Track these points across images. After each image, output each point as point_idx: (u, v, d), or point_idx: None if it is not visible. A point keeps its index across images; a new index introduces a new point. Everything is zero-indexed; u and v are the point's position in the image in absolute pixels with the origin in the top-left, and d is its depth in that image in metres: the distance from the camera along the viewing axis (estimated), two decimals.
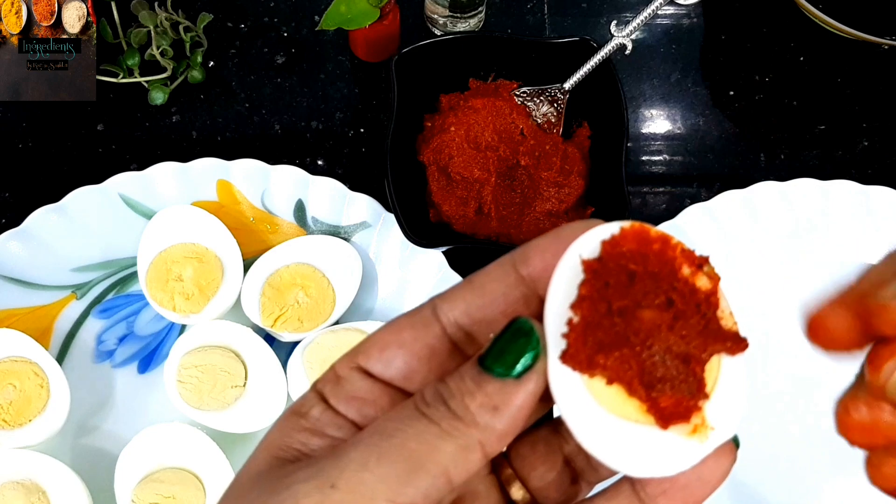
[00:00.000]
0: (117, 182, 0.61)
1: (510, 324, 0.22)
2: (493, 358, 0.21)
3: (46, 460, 0.53)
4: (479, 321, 0.23)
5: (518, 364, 0.21)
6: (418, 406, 0.21)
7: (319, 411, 0.23)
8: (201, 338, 0.58)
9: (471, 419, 0.21)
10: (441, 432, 0.21)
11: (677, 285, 0.22)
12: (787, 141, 0.70)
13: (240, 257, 0.60)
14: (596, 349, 0.21)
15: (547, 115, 0.64)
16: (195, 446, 0.54)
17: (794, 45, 0.73)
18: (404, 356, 0.23)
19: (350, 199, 0.62)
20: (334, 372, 0.23)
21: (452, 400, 0.21)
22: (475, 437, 0.21)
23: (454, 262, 0.60)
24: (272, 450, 0.23)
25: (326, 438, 0.22)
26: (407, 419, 0.21)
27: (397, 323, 0.24)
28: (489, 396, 0.21)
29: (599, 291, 0.22)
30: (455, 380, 0.21)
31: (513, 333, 0.21)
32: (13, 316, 0.59)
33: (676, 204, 0.66)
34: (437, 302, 0.23)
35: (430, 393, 0.21)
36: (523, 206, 0.61)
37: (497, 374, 0.21)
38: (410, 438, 0.20)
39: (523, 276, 0.23)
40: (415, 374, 0.23)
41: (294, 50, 0.72)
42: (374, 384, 0.23)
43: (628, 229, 0.22)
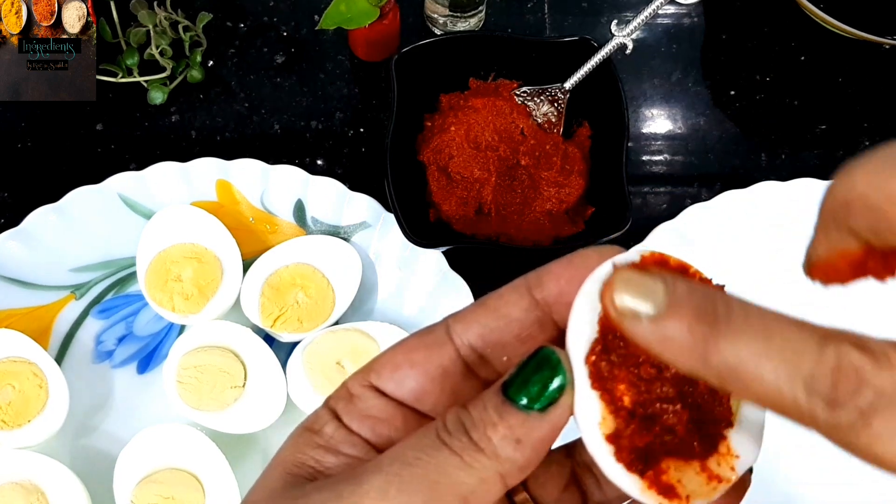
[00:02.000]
0: (116, 182, 0.61)
1: (535, 353, 0.21)
2: (517, 388, 0.21)
3: (45, 461, 0.53)
4: (492, 344, 0.23)
5: (543, 397, 0.21)
6: (440, 434, 0.21)
7: (333, 429, 0.23)
8: (200, 338, 0.58)
9: (492, 451, 0.20)
10: (462, 464, 0.20)
11: None
12: (789, 141, 0.70)
13: (239, 257, 0.60)
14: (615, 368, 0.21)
15: (547, 115, 0.64)
16: (194, 447, 0.54)
17: (795, 44, 0.73)
18: (417, 376, 0.23)
19: (350, 199, 0.62)
20: (347, 389, 0.23)
21: (474, 430, 0.21)
22: (496, 470, 0.20)
23: (454, 262, 0.60)
24: (286, 466, 0.22)
25: (341, 456, 0.22)
26: (428, 448, 0.21)
27: (410, 342, 0.23)
28: (512, 429, 0.21)
29: None
30: (478, 409, 0.21)
31: (538, 364, 0.21)
32: (12, 316, 0.59)
33: (677, 204, 0.66)
34: (450, 322, 0.23)
35: (452, 421, 0.21)
36: (523, 205, 0.61)
37: (520, 405, 0.21)
38: (431, 469, 0.20)
39: (538, 301, 0.23)
40: (427, 395, 0.23)
41: (294, 49, 0.72)
42: (386, 403, 0.23)
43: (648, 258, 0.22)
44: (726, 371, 0.18)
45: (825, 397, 0.17)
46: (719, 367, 0.18)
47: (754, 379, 0.18)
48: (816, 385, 0.17)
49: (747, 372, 0.18)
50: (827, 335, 0.18)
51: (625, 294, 0.19)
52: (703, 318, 0.18)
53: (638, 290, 0.19)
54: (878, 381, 0.17)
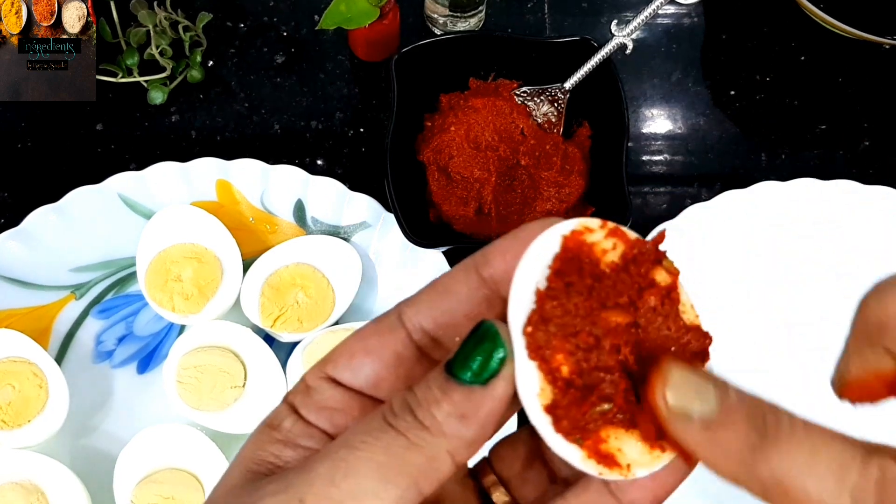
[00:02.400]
0: (116, 182, 0.61)
1: (475, 328, 0.21)
2: (459, 364, 0.21)
3: (45, 461, 0.53)
4: (444, 325, 0.23)
5: (484, 370, 0.21)
6: (386, 417, 0.21)
7: (291, 423, 0.23)
8: (200, 338, 0.58)
9: (438, 429, 0.20)
10: (408, 443, 0.20)
11: (637, 282, 0.22)
12: (788, 141, 0.70)
13: (239, 257, 0.60)
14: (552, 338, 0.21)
15: (547, 115, 0.64)
16: (194, 447, 0.54)
17: (795, 44, 0.73)
18: (371, 364, 0.23)
19: (350, 199, 0.62)
20: (304, 383, 0.23)
21: (419, 409, 0.21)
22: (444, 447, 0.20)
23: (454, 262, 0.60)
24: (246, 463, 0.22)
25: (299, 449, 0.22)
26: (374, 431, 0.21)
27: (364, 330, 0.23)
28: (456, 405, 0.20)
29: (560, 293, 0.21)
30: (422, 388, 0.21)
31: (478, 338, 0.21)
32: (12, 316, 0.59)
33: (677, 204, 0.66)
34: (402, 307, 0.23)
35: (398, 402, 0.21)
36: (523, 206, 0.61)
37: (463, 380, 0.21)
38: (378, 451, 0.20)
39: (485, 278, 0.22)
40: (383, 382, 0.23)
41: (293, 49, 0.72)
42: (343, 393, 0.23)
43: (581, 230, 0.22)
44: (772, 482, 0.18)
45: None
46: (765, 478, 0.18)
47: (800, 491, 0.18)
48: (861, 497, 0.17)
49: (793, 484, 0.18)
50: (870, 449, 0.18)
51: (678, 393, 0.19)
52: (754, 428, 0.19)
53: (691, 390, 0.19)
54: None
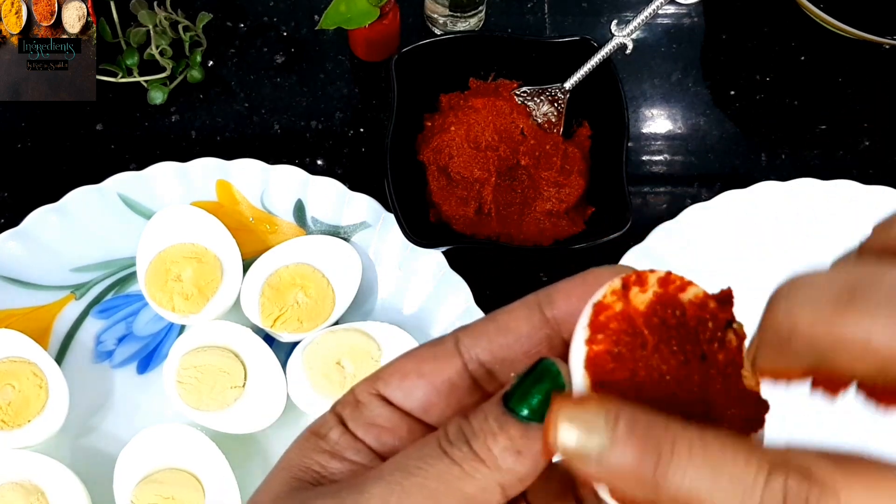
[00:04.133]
0: (116, 182, 0.61)
1: (535, 364, 0.21)
2: (518, 399, 0.21)
3: (45, 461, 0.53)
4: (501, 360, 0.23)
5: (543, 407, 0.21)
6: (441, 444, 0.21)
7: (338, 434, 0.23)
8: (200, 338, 0.58)
9: (493, 462, 0.20)
10: (462, 473, 0.20)
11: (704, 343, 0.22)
12: (788, 141, 0.70)
13: (239, 257, 0.60)
14: None
15: (547, 115, 0.64)
16: (194, 447, 0.54)
17: (795, 44, 0.73)
18: (424, 388, 0.23)
19: (350, 199, 0.62)
20: (354, 396, 0.24)
21: (475, 440, 0.21)
22: (497, 480, 0.21)
23: (454, 262, 0.60)
24: (291, 470, 0.23)
25: (345, 462, 0.23)
26: (429, 457, 0.21)
27: (419, 353, 0.24)
28: (512, 440, 0.21)
29: (622, 344, 0.21)
30: (479, 419, 0.21)
31: (538, 375, 0.21)
32: (12, 316, 0.59)
33: (677, 204, 0.66)
34: (459, 335, 0.23)
35: (454, 431, 0.21)
36: (523, 206, 0.61)
37: (521, 416, 0.21)
38: (431, 478, 0.20)
39: (548, 318, 0.23)
40: (433, 407, 0.23)
41: (293, 49, 0.72)
42: (392, 412, 0.23)
43: (663, 279, 0.22)
44: (681, 500, 0.18)
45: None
46: (672, 498, 0.18)
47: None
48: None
49: (701, 500, 0.18)
50: (773, 464, 0.18)
51: (566, 432, 0.19)
52: (646, 453, 0.19)
53: (580, 426, 0.19)
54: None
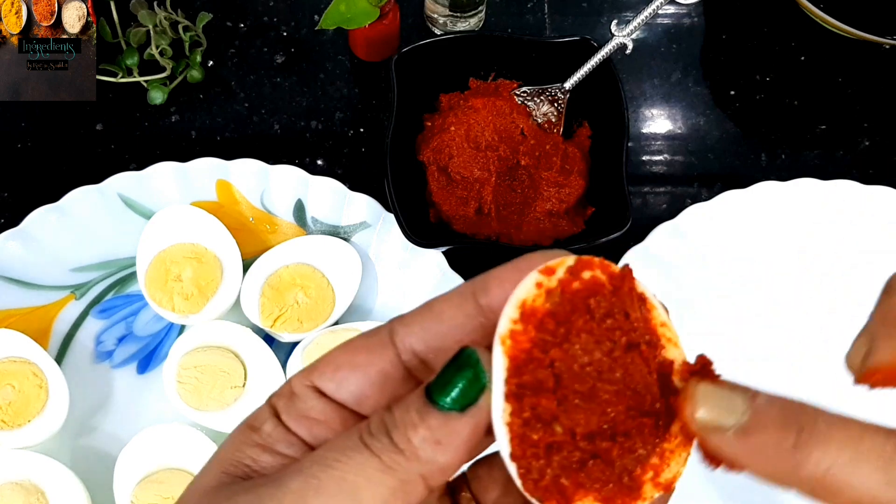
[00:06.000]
0: (116, 182, 0.61)
1: (457, 354, 0.21)
2: (439, 389, 0.21)
3: (45, 461, 0.53)
4: (434, 349, 0.22)
5: (463, 398, 0.21)
6: (362, 436, 0.21)
7: (271, 427, 0.23)
8: (200, 338, 0.58)
9: (412, 453, 0.20)
10: (382, 466, 0.20)
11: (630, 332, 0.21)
12: (788, 141, 0.70)
13: (239, 257, 0.60)
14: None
15: (547, 115, 0.64)
16: (194, 447, 0.54)
17: (795, 44, 0.73)
18: (357, 379, 0.23)
19: (350, 198, 0.62)
20: (290, 387, 0.23)
21: (395, 432, 0.21)
22: (417, 471, 0.20)
23: (454, 262, 0.60)
24: (223, 464, 0.22)
25: (277, 456, 0.22)
26: (349, 450, 0.21)
27: (353, 343, 0.23)
28: (432, 430, 0.20)
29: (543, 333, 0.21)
30: (400, 410, 0.21)
31: (459, 364, 0.21)
32: (12, 316, 0.59)
33: (677, 204, 0.66)
34: (394, 325, 0.23)
35: (375, 423, 0.21)
36: (523, 206, 0.61)
37: (442, 406, 0.21)
38: (350, 471, 0.20)
39: (482, 306, 0.22)
40: (367, 399, 0.23)
41: (293, 49, 0.72)
42: (326, 404, 0.23)
43: (584, 262, 0.22)
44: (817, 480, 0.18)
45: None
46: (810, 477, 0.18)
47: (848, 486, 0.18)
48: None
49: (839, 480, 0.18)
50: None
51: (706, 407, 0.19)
52: (789, 427, 0.19)
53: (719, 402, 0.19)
54: None
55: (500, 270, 0.22)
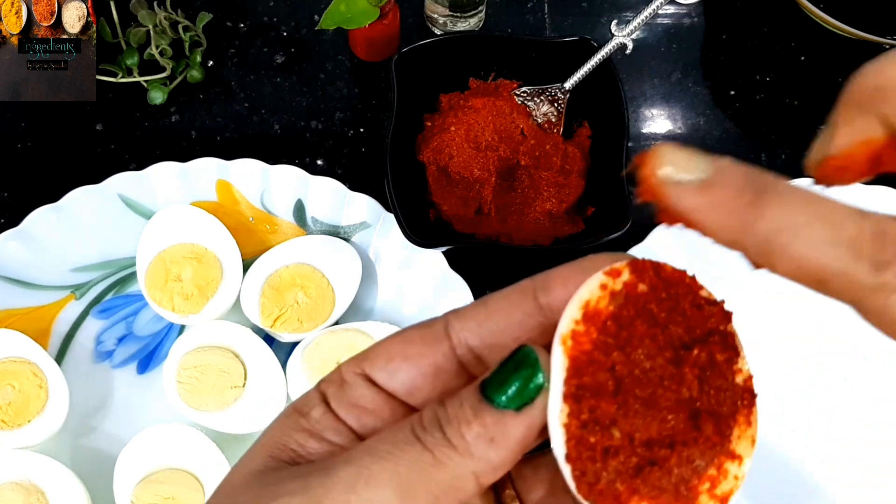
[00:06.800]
0: (116, 182, 0.61)
1: (515, 352, 0.21)
2: (495, 387, 0.21)
3: (45, 461, 0.53)
4: (490, 345, 0.22)
5: (519, 396, 0.20)
6: (414, 429, 0.21)
7: (320, 413, 0.22)
8: (200, 338, 0.58)
9: (465, 449, 0.20)
10: (434, 460, 0.20)
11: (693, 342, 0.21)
12: (788, 141, 0.70)
13: (239, 257, 0.60)
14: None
15: (547, 115, 0.64)
16: (194, 447, 0.54)
17: (795, 44, 0.73)
18: (409, 370, 0.22)
19: (350, 198, 0.62)
20: (340, 374, 0.23)
21: (449, 427, 0.20)
22: (469, 468, 0.20)
23: (454, 262, 0.60)
24: (269, 447, 0.22)
25: (324, 443, 0.22)
26: (401, 442, 0.20)
27: (407, 334, 0.23)
28: (486, 427, 0.20)
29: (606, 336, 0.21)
30: (454, 406, 0.21)
31: (517, 363, 0.21)
32: (12, 316, 0.59)
33: None
34: (450, 319, 0.23)
35: (428, 416, 0.21)
36: (523, 206, 0.61)
37: (497, 404, 0.20)
38: (402, 464, 0.20)
39: (542, 306, 0.22)
40: (418, 391, 0.23)
41: (293, 49, 0.72)
42: (377, 393, 0.23)
43: (646, 264, 0.21)
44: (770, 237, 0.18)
45: (869, 259, 0.17)
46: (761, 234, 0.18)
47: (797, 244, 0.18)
48: (859, 248, 0.17)
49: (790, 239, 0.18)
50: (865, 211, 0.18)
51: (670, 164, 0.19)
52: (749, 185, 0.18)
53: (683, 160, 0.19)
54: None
55: (562, 270, 0.22)
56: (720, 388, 0.21)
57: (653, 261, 0.22)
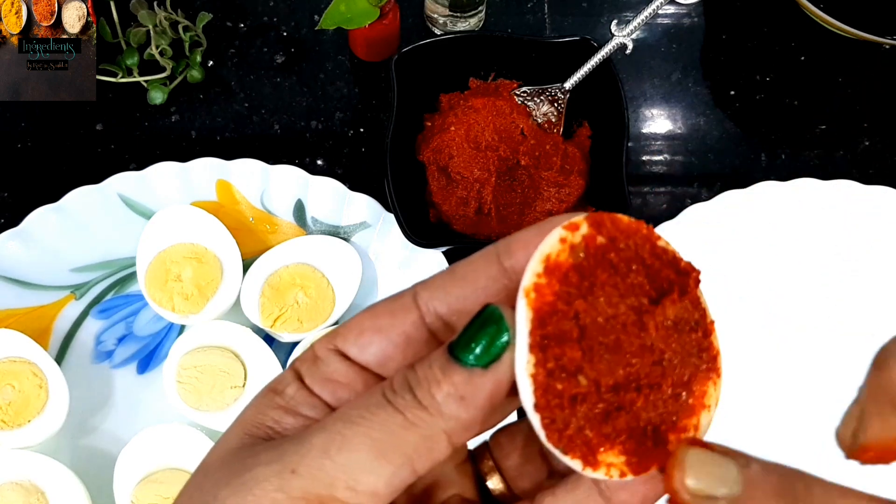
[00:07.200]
0: (116, 182, 0.61)
1: (481, 311, 0.21)
2: (463, 346, 0.21)
3: (45, 461, 0.53)
4: (458, 311, 0.22)
5: (486, 353, 0.21)
6: (385, 393, 0.21)
7: (294, 390, 0.23)
8: (200, 338, 0.58)
9: (436, 409, 0.20)
10: (405, 422, 0.20)
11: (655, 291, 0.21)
12: (788, 141, 0.70)
13: (239, 257, 0.60)
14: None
15: (547, 115, 0.64)
16: (194, 447, 0.54)
17: (795, 44, 0.73)
18: (380, 342, 0.23)
19: (350, 199, 0.62)
20: (313, 352, 0.23)
21: (419, 388, 0.21)
22: (440, 427, 0.20)
23: (454, 262, 0.60)
24: (245, 426, 0.23)
25: (299, 418, 0.22)
26: (372, 406, 0.21)
27: (377, 308, 0.23)
28: (455, 386, 0.20)
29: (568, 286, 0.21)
30: (423, 367, 0.21)
31: (482, 321, 0.21)
32: (12, 316, 0.59)
33: (677, 204, 0.66)
34: (417, 289, 0.23)
35: (398, 380, 0.21)
36: (523, 206, 0.61)
37: (465, 363, 0.21)
38: (374, 427, 0.20)
39: (506, 269, 0.22)
40: (390, 361, 0.23)
41: (293, 49, 0.72)
42: (350, 367, 0.23)
43: (596, 217, 0.22)
44: None
45: None
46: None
47: None
48: None
49: None
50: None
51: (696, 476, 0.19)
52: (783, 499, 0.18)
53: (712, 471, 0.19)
54: None
55: (523, 233, 0.22)
56: (683, 336, 0.22)
57: (609, 213, 0.22)
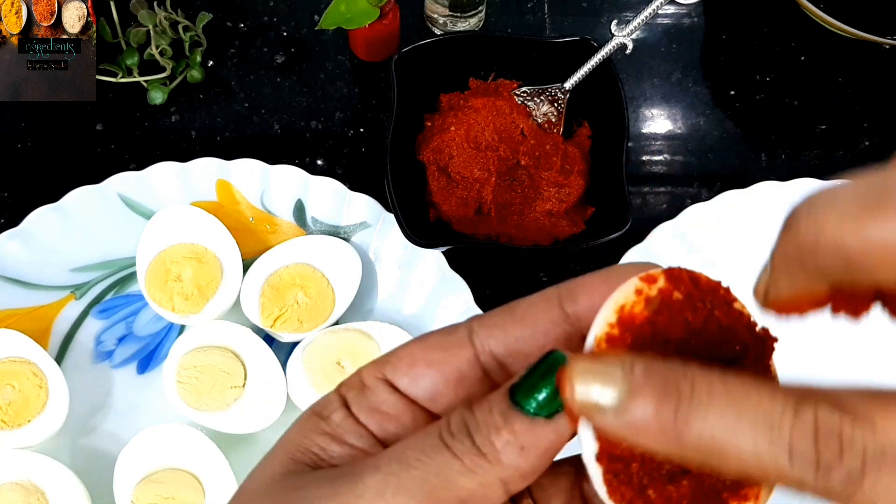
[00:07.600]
0: (116, 182, 0.61)
1: (545, 357, 0.20)
2: (525, 393, 0.20)
3: (45, 461, 0.53)
4: (515, 353, 0.22)
5: (551, 403, 0.20)
6: (443, 436, 0.20)
7: (341, 417, 0.22)
8: (200, 338, 0.58)
9: (495, 457, 0.20)
10: (463, 468, 0.20)
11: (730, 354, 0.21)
12: (788, 141, 0.70)
13: (239, 257, 0.60)
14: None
15: (547, 115, 0.64)
16: (194, 447, 0.54)
17: (795, 44, 0.73)
18: (432, 376, 0.22)
19: (350, 198, 0.62)
20: (360, 379, 0.23)
21: (478, 434, 0.20)
22: (498, 475, 0.20)
23: (454, 262, 0.60)
24: (290, 450, 0.22)
25: (345, 446, 0.22)
26: (429, 449, 0.20)
27: (430, 339, 0.23)
28: (516, 434, 0.20)
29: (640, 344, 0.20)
30: (483, 411, 0.20)
31: (547, 368, 0.20)
32: (12, 316, 0.59)
33: (677, 204, 0.66)
34: (474, 325, 0.23)
35: (456, 423, 0.21)
36: (523, 206, 0.61)
37: (527, 410, 0.20)
38: (431, 472, 0.20)
39: (568, 314, 0.22)
40: (440, 397, 0.22)
41: (293, 49, 0.72)
42: (398, 399, 0.22)
43: (675, 273, 0.21)
44: (704, 448, 0.18)
45: (811, 462, 0.17)
46: (696, 445, 0.18)
47: (734, 452, 0.17)
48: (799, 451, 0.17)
49: (725, 446, 0.17)
50: (800, 397, 0.17)
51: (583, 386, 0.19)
52: (666, 398, 0.18)
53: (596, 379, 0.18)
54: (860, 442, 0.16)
55: (589, 278, 0.22)
56: None
57: (688, 270, 0.21)
